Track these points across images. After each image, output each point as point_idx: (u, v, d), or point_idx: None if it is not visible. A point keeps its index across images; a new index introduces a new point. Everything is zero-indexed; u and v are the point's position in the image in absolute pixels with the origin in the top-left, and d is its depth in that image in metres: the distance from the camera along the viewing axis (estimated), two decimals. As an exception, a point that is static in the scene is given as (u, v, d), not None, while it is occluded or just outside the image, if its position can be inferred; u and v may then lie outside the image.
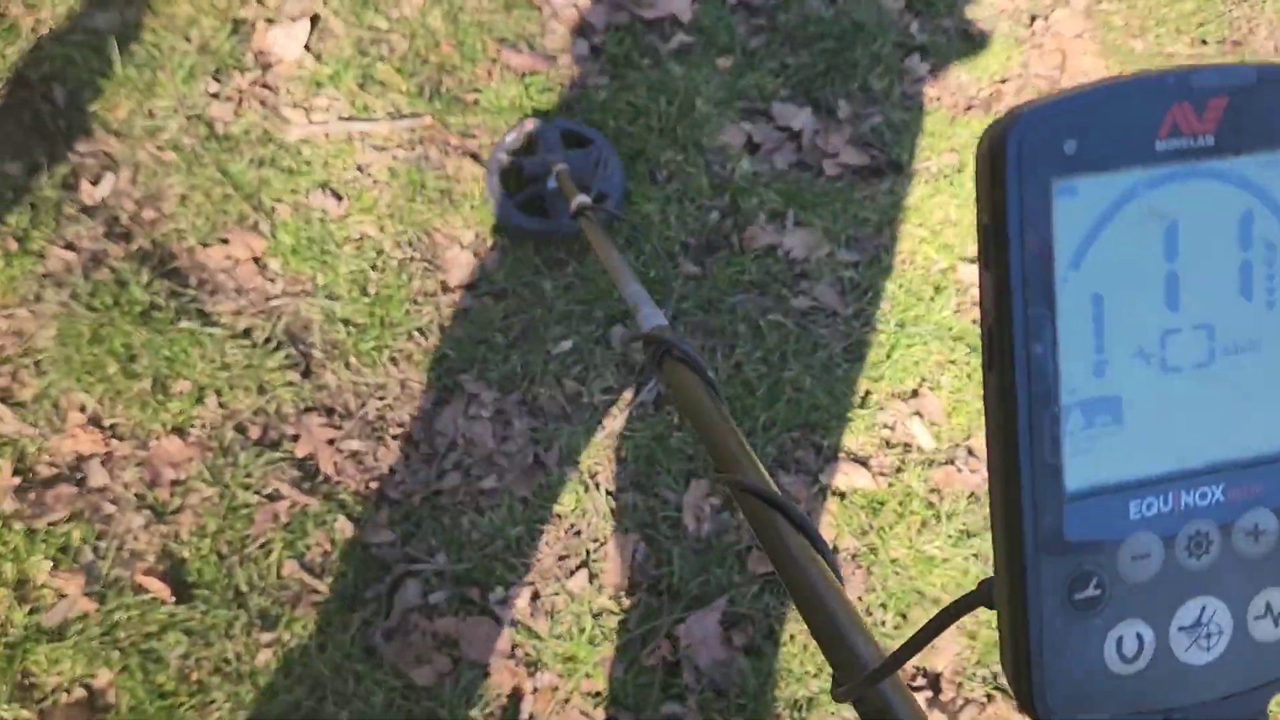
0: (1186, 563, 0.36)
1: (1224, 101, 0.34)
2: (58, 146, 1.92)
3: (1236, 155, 0.34)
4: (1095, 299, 0.34)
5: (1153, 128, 0.33)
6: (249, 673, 1.60)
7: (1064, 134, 0.32)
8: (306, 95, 2.02)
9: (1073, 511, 0.34)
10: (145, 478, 1.70)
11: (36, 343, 1.77)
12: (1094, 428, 0.34)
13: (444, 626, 1.65)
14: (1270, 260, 0.36)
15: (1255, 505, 0.36)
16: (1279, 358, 0.36)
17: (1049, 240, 0.33)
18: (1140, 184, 0.34)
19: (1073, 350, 0.34)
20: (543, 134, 1.98)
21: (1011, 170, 0.32)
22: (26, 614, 1.58)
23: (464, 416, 1.81)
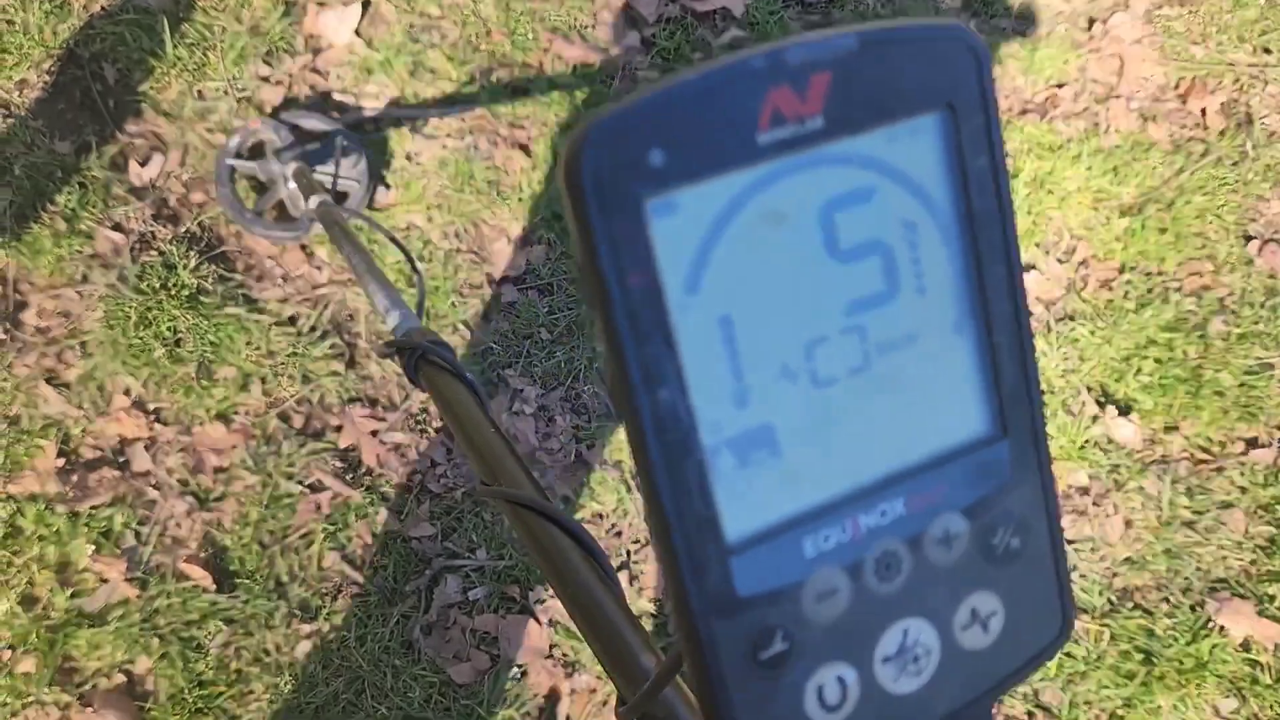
0: (879, 589, 0.32)
1: (827, 77, 0.29)
2: (107, 126, 1.91)
3: (853, 134, 0.30)
4: (723, 321, 0.30)
5: (751, 119, 0.29)
6: (288, 664, 1.59)
7: (647, 144, 0.28)
8: (356, 81, 2.01)
9: (740, 564, 0.30)
10: (188, 464, 1.70)
11: (83, 324, 1.76)
12: (749, 465, 0.31)
13: (483, 624, 1.65)
14: (912, 241, 0.32)
15: (941, 510, 0.33)
16: (938, 346, 0.33)
17: (652, 269, 0.29)
18: (749, 185, 0.29)
19: (707, 385, 0.30)
20: (272, 132, 1.85)
21: (590, 199, 0.28)
22: (68, 598, 1.59)
23: (507, 412, 1.80)
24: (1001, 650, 0.34)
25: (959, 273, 0.32)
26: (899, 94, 0.30)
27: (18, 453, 1.66)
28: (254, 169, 1.84)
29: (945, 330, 0.33)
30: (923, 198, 0.32)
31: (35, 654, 1.55)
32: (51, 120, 1.90)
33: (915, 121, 0.31)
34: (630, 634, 0.58)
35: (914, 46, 0.31)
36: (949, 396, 0.33)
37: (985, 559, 0.34)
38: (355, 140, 1.89)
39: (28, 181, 1.83)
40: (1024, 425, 0.34)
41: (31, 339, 1.74)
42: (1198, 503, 1.85)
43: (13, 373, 1.71)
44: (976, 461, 0.33)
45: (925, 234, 0.32)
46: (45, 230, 1.81)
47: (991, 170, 0.32)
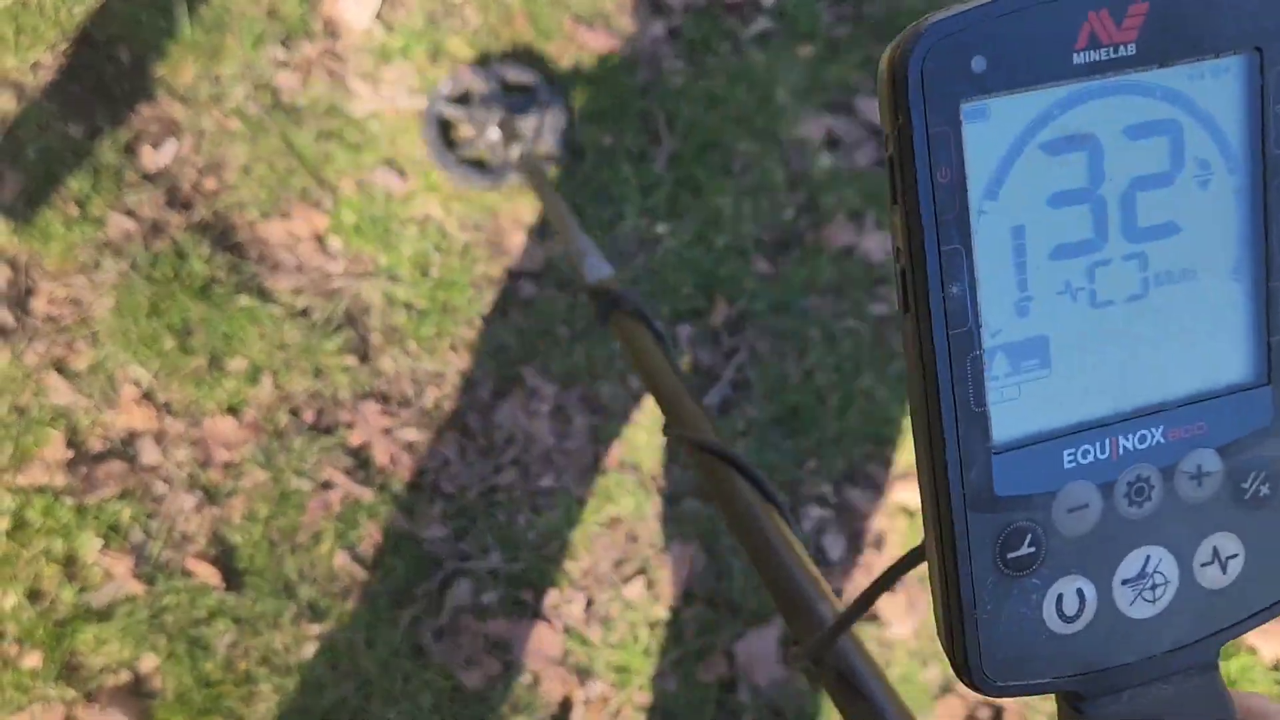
0: (1127, 511, 0.33)
1: (1145, 7, 0.30)
2: (120, 110, 1.88)
3: (1161, 66, 0.31)
4: (1015, 231, 0.31)
5: (1069, 39, 0.30)
6: (296, 665, 1.57)
7: (971, 50, 0.29)
8: (375, 67, 1.96)
9: (1001, 464, 0.31)
10: (198, 458, 1.67)
11: (93, 312, 1.73)
12: (1020, 372, 0.32)
13: (495, 628, 1.61)
14: (1202, 179, 0.32)
15: (1198, 445, 0.33)
16: (1215, 286, 0.33)
17: (960, 170, 0.30)
18: (1058, 102, 0.30)
19: (993, 288, 0.31)
20: (482, 81, 1.91)
21: (914, 95, 0.29)
22: (75, 592, 1.56)
23: (523, 410, 1.76)
24: (1237, 594, 0.34)
25: (1244, 217, 0.33)
26: (1211, 32, 0.31)
27: (26, 443, 1.63)
28: (461, 115, 1.88)
29: (1223, 271, 0.33)
30: (1219, 138, 0.32)
31: (41, 649, 1.52)
32: (65, 103, 1.86)
33: (1222, 61, 0.31)
34: (807, 580, 0.59)
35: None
36: (1219, 337, 0.33)
37: (1234, 501, 0.34)
38: (558, 95, 1.94)
39: (40, 165, 1.80)
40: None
41: (41, 326, 1.71)
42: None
43: (22, 361, 1.68)
44: (1238, 404, 0.34)
45: (1216, 173, 0.32)
46: (56, 215, 1.78)
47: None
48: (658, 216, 1.91)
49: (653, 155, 1.96)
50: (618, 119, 1.97)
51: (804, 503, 1.72)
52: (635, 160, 1.95)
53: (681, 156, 1.95)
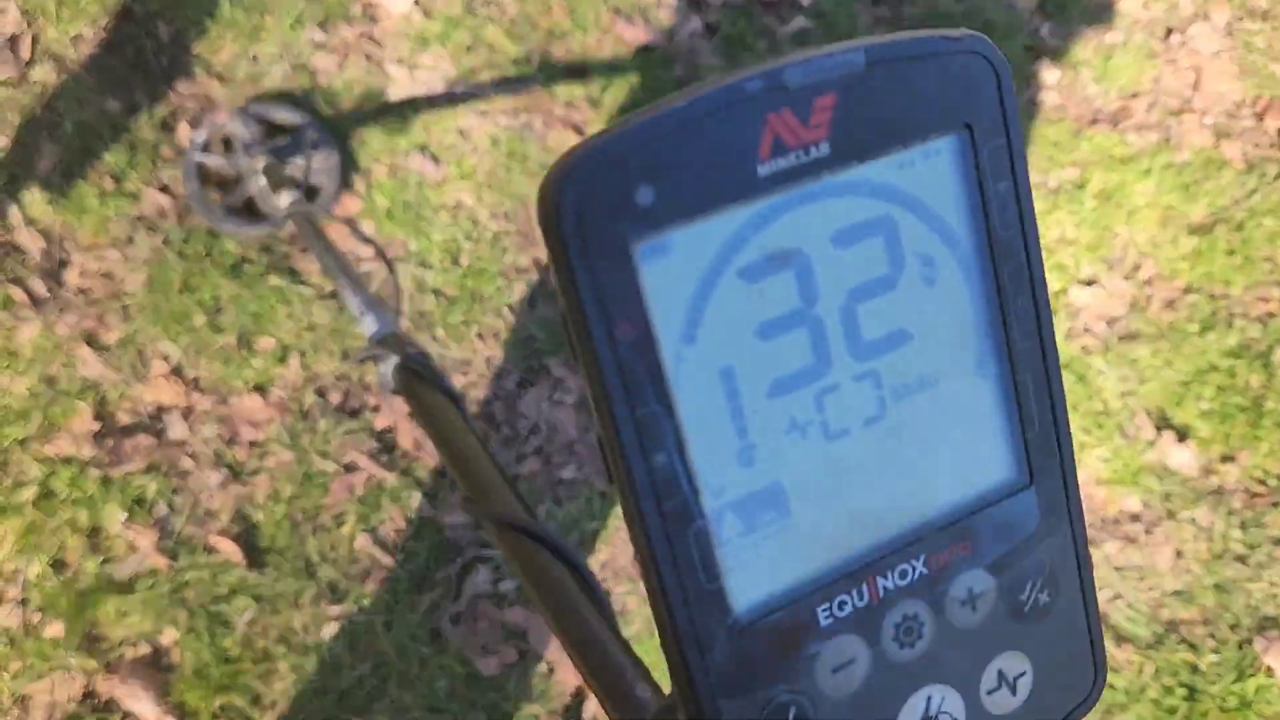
0: (899, 656, 0.30)
1: (831, 99, 0.27)
2: (158, 86, 1.88)
3: (862, 161, 0.28)
4: (724, 373, 0.27)
5: (751, 149, 0.26)
6: (314, 645, 1.58)
7: (635, 179, 0.25)
8: (412, 53, 1.97)
9: (750, 637, 0.28)
10: (224, 435, 1.68)
11: (126, 287, 1.74)
12: (756, 529, 0.28)
13: (513, 617, 1.62)
14: (928, 276, 0.29)
15: (965, 568, 0.30)
16: (959, 388, 0.30)
17: (644, 319, 0.26)
18: (749, 222, 0.27)
19: (708, 444, 0.27)
20: (241, 125, 1.79)
21: (572, 240, 0.25)
22: (98, 564, 1.57)
23: (548, 401, 1.76)
24: (1031, 712, 0.32)
25: (979, 308, 0.30)
26: (911, 115, 0.28)
27: (54, 414, 1.65)
28: (222, 164, 1.78)
29: (966, 371, 0.30)
30: (939, 227, 0.29)
31: (63, 618, 1.54)
32: (104, 77, 1.87)
33: (930, 145, 0.28)
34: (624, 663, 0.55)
35: (926, 62, 0.28)
36: (971, 443, 0.31)
37: (1013, 617, 0.31)
38: (325, 134, 1.83)
39: (77, 138, 1.81)
40: (1052, 470, 0.31)
41: (73, 299, 1.72)
42: (1251, 536, 1.79)
43: (53, 332, 1.70)
44: (1001, 512, 0.31)
45: (943, 266, 0.29)
46: (92, 189, 1.79)
47: (1014, 195, 0.29)
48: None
49: (685, 151, 1.96)
50: (652, 114, 1.97)
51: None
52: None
53: (714, 154, 1.95)
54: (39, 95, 1.83)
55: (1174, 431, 1.85)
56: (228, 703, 1.53)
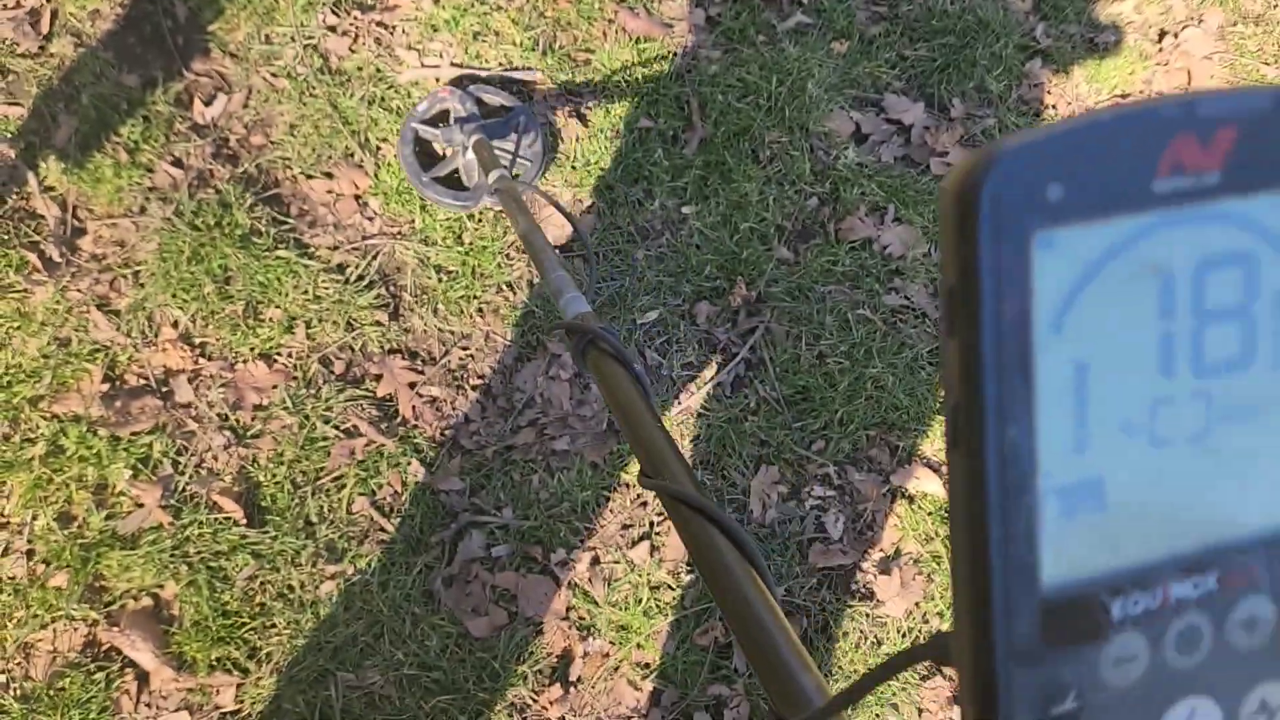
0: (1175, 662, 0.31)
1: (1233, 133, 0.29)
2: (174, 63, 1.94)
3: (1245, 195, 0.29)
4: (1079, 366, 0.29)
5: (1150, 165, 0.29)
6: (311, 601, 1.63)
7: (1048, 177, 0.28)
8: (421, 38, 2.02)
9: (1049, 614, 0.30)
10: (229, 399, 1.73)
11: (137, 255, 1.80)
12: (1074, 516, 0.30)
13: (504, 580, 1.67)
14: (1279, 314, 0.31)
15: (1252, 593, 0.32)
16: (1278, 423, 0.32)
17: (1027, 303, 0.28)
18: (1133, 232, 0.29)
19: (1052, 428, 0.29)
20: (458, 102, 1.90)
21: (985, 224, 0.28)
22: (103, 519, 1.62)
23: (544, 375, 1.82)
24: None
25: None
26: None
27: (65, 374, 1.70)
28: (436, 135, 1.88)
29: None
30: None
31: (68, 570, 1.59)
32: (121, 52, 1.93)
33: None
34: (787, 648, 0.56)
35: None
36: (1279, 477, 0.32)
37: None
38: (534, 119, 1.92)
39: (94, 111, 1.87)
40: None
41: (86, 265, 1.78)
42: None
43: (66, 296, 1.75)
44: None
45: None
46: (107, 160, 1.84)
47: None
48: (685, 198, 1.96)
49: (684, 139, 2.01)
50: (653, 102, 2.02)
51: (808, 482, 1.77)
52: (668, 143, 2.00)
53: (712, 142, 2.00)
54: (57, 68, 1.89)
55: None
56: (225, 654, 1.58)
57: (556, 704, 1.61)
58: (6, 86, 1.88)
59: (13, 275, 1.75)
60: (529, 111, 1.93)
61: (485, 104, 1.95)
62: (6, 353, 1.70)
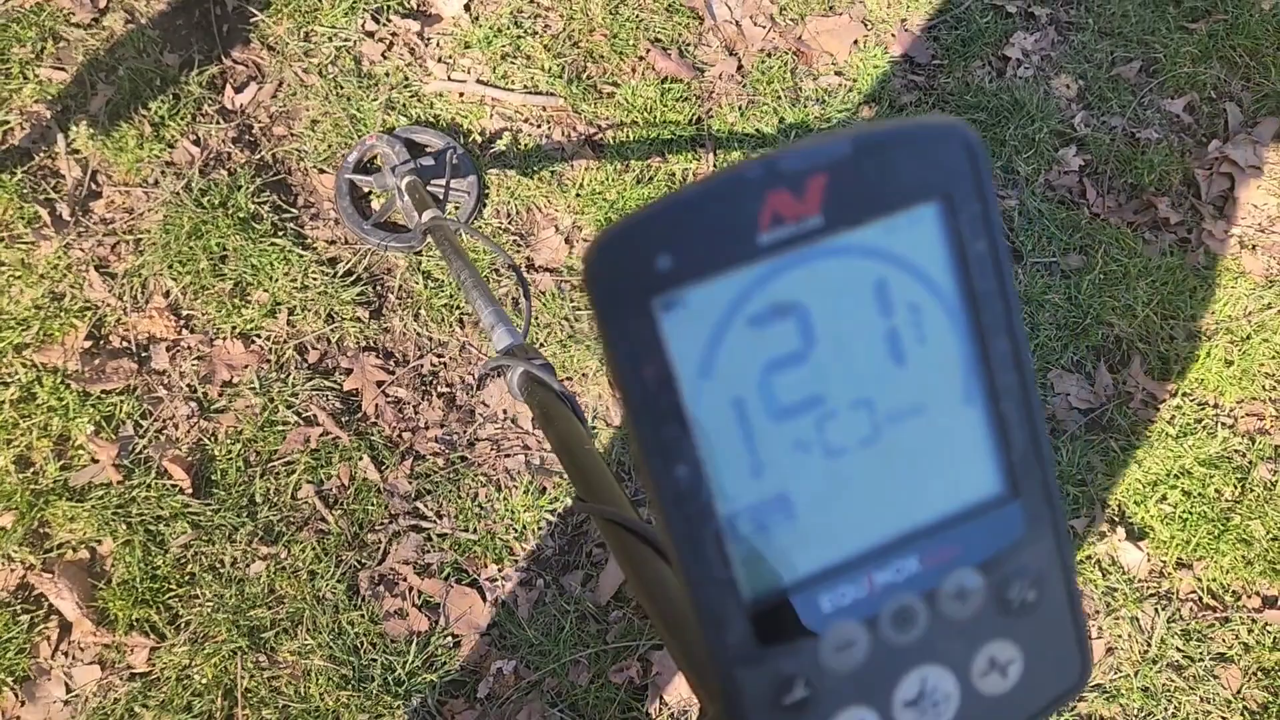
0: (896, 639, 0.34)
1: (823, 180, 0.31)
2: (215, 48, 2.03)
3: (853, 227, 0.32)
4: (736, 403, 0.32)
5: (752, 222, 0.31)
6: (239, 579, 1.65)
7: (654, 250, 0.30)
8: (453, 52, 2.07)
9: (759, 620, 0.33)
10: (202, 372, 1.78)
11: (143, 224, 1.87)
12: (765, 530, 0.33)
13: (430, 588, 1.67)
14: (917, 322, 0.34)
15: (955, 566, 0.35)
16: (946, 415, 0.34)
17: (664, 361, 0.31)
18: (754, 280, 0.32)
19: (723, 459, 0.32)
20: (387, 147, 1.91)
21: (603, 301, 0.31)
22: (58, 468, 1.67)
23: (510, 394, 1.82)
24: (1022, 694, 0.36)
25: (964, 348, 0.34)
26: (896, 188, 0.32)
27: (52, 326, 1.76)
28: (370, 182, 1.92)
29: (954, 401, 0.35)
30: (925, 280, 0.34)
31: (15, 512, 1.64)
32: (167, 33, 2.02)
33: (914, 211, 0.33)
34: None
35: (908, 146, 0.33)
36: (960, 462, 0.35)
37: (1002, 611, 0.35)
38: (466, 157, 1.95)
39: (129, 84, 1.95)
40: (1036, 486, 0.35)
41: (94, 227, 1.85)
42: (1192, 648, 1.74)
43: (69, 253, 1.82)
44: (990, 520, 0.35)
45: (930, 314, 0.34)
46: (133, 131, 1.93)
47: (991, 253, 0.34)
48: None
49: (692, 182, 2.01)
50: (668, 142, 2.04)
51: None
52: (675, 183, 2.01)
53: (719, 187, 2.00)
54: (105, 40, 1.99)
55: (1129, 529, 1.82)
56: (146, 616, 1.60)
57: (459, 718, 1.59)
58: (56, 52, 1.98)
59: (23, 227, 1.83)
60: (460, 151, 1.94)
61: (416, 145, 1.96)
62: (3, 298, 1.78)
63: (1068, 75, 2.20)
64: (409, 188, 1.76)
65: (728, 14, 2.16)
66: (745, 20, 2.16)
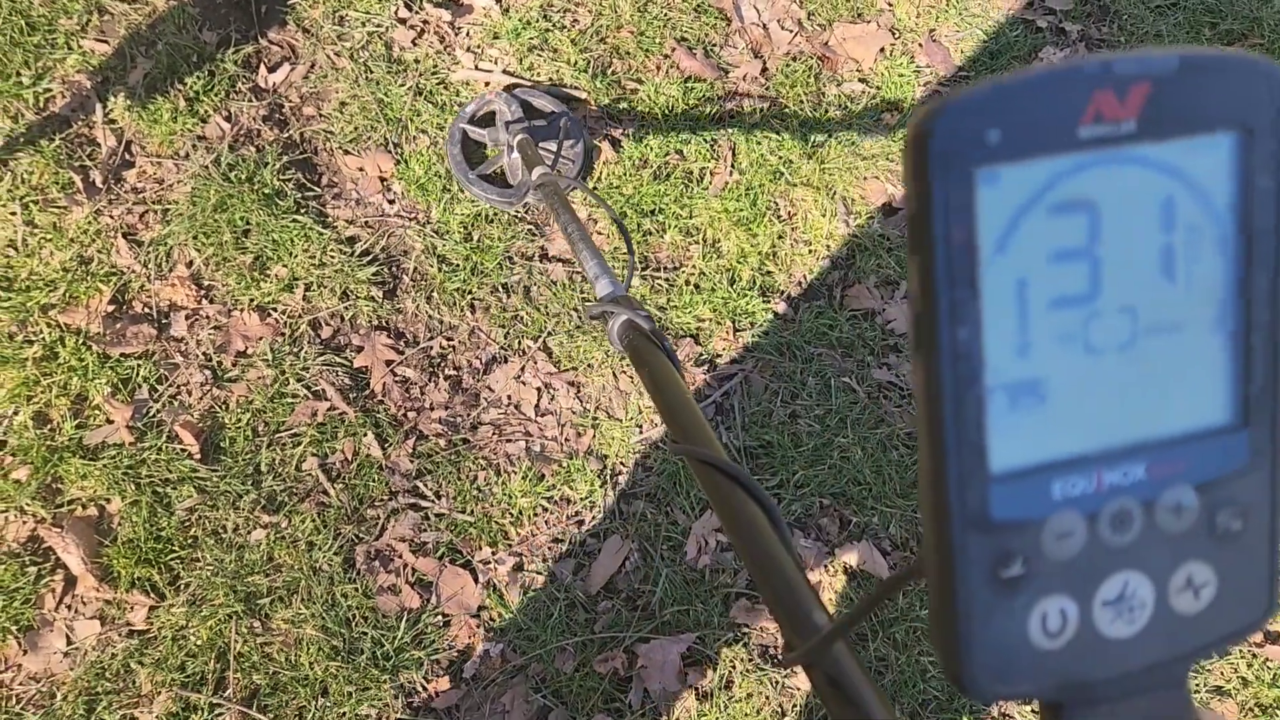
0: (1109, 539, 0.35)
1: (1146, 88, 0.33)
2: (252, 28, 2.08)
3: (1159, 141, 0.34)
4: (1019, 283, 0.34)
5: (1075, 115, 0.33)
6: (239, 545, 1.69)
7: (987, 123, 0.32)
8: (482, 42, 2.11)
9: (997, 491, 0.34)
10: (218, 341, 1.82)
11: (171, 194, 1.92)
12: (1018, 409, 0.35)
13: (424, 566, 1.70)
14: (1193, 242, 0.35)
15: (1177, 482, 0.36)
16: (1199, 338, 0.36)
17: (972, 229, 0.33)
18: (1064, 170, 0.33)
19: (997, 333, 0.34)
20: (504, 105, 1.97)
21: (935, 162, 0.32)
22: (74, 426, 1.72)
23: (516, 379, 1.85)
24: (1208, 618, 0.37)
25: (1229, 277, 0.36)
26: (1206, 111, 0.34)
27: (78, 289, 1.82)
28: (483, 135, 1.98)
29: (1208, 325, 0.36)
30: (1207, 206, 0.35)
31: (30, 466, 1.69)
32: (206, 11, 2.07)
33: (1215, 138, 0.34)
34: (803, 589, 0.62)
35: (1226, 73, 0.34)
36: (1201, 384, 0.36)
37: (1208, 533, 0.37)
38: (577, 124, 2.00)
39: (166, 59, 2.01)
40: (1265, 421, 0.37)
41: (124, 195, 1.91)
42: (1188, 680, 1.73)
43: (99, 219, 1.88)
44: (1217, 445, 0.37)
45: (1204, 238, 0.35)
46: (168, 105, 1.98)
47: (1275, 191, 0.35)
48: (696, 238, 1.98)
49: (709, 181, 2.03)
50: (687, 141, 2.05)
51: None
52: (692, 181, 2.02)
53: (736, 187, 2.02)
54: (147, 15, 2.04)
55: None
56: (147, 576, 1.65)
57: (444, 696, 1.62)
58: (100, 25, 2.04)
59: (56, 192, 1.88)
60: (573, 117, 2.01)
61: (531, 107, 2.02)
62: (34, 260, 1.84)
63: (1096, 94, 2.19)
64: (521, 145, 1.83)
65: (755, 16, 2.18)
66: (773, 23, 2.17)
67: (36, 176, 1.89)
